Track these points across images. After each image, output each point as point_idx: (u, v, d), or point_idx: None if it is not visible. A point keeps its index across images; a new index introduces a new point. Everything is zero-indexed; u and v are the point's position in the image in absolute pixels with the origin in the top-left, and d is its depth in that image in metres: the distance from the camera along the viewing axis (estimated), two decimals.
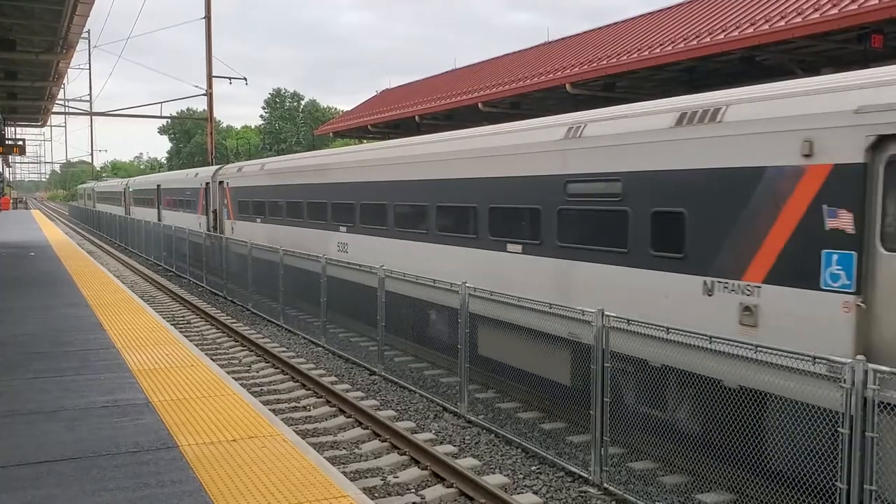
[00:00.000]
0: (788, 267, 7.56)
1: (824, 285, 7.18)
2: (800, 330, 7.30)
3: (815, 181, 7.36)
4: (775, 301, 7.66)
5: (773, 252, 7.74)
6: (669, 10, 21.05)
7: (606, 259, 9.88)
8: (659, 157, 9.16)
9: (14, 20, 18.97)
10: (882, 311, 6.77)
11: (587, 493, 8.42)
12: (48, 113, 40.73)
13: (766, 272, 7.81)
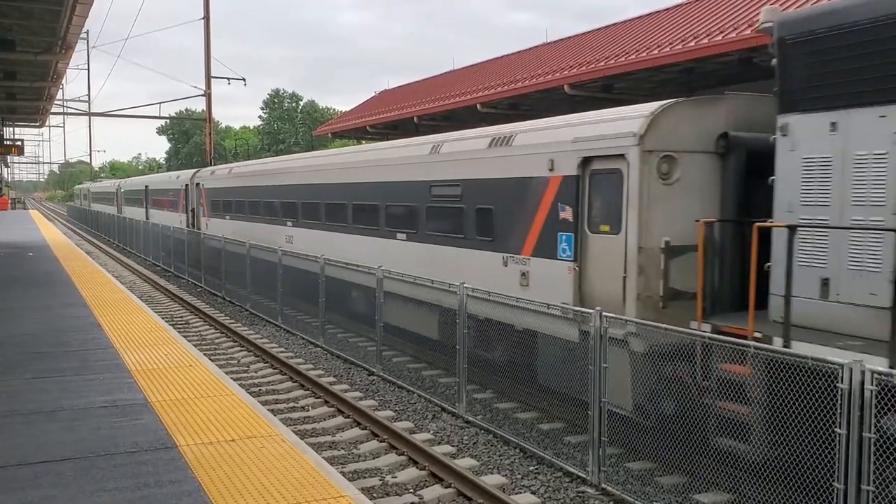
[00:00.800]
0: (543, 245, 11.10)
1: (559, 257, 10.79)
2: (549, 285, 10.90)
3: (554, 187, 10.91)
4: (537, 268, 11.27)
5: (536, 235, 11.29)
6: (668, 12, 21.09)
7: (454, 243, 13.36)
8: (479, 168, 12.72)
9: (13, 20, 18.97)
10: (586, 271, 10.40)
11: (585, 494, 8.44)
12: (47, 113, 40.72)
13: (532, 249, 11.39)
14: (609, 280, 9.98)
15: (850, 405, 6.14)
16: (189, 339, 14.25)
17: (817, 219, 7.96)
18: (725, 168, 9.69)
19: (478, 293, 11.21)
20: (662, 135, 9.62)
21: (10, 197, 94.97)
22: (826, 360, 6.41)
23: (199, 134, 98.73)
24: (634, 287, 9.57)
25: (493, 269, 12.17)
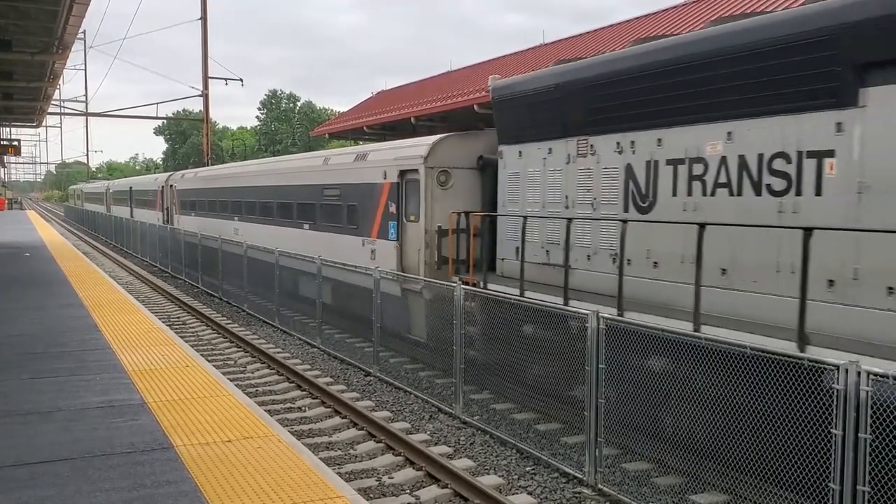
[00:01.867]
0: (382, 230, 15.69)
1: (389, 238, 15.41)
2: (385, 257, 15.33)
3: (386, 190, 15.54)
4: (379, 246, 15.88)
5: (378, 223, 15.98)
6: (666, 13, 21.13)
7: (336, 230, 18.04)
8: (349, 176, 17.53)
9: (9, 20, 18.95)
10: (403, 247, 14.95)
11: (581, 494, 8.45)
12: (44, 113, 40.65)
13: (376, 233, 16.01)
14: (413, 252, 14.83)
15: (846, 406, 6.15)
16: (186, 340, 14.24)
17: (514, 211, 12.98)
18: (482, 178, 14.63)
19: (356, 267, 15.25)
20: (439, 157, 14.51)
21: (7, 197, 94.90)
22: (822, 361, 6.43)
23: (196, 134, 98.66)
24: (424, 256, 14.44)
25: (356, 248, 16.82)
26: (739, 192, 9.12)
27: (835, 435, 6.24)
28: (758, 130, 8.88)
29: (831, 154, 8.06)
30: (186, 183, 33.45)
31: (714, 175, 9.44)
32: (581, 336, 8.78)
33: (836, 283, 7.85)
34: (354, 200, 17.11)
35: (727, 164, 9.27)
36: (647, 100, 10.39)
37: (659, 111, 10.20)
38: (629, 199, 10.79)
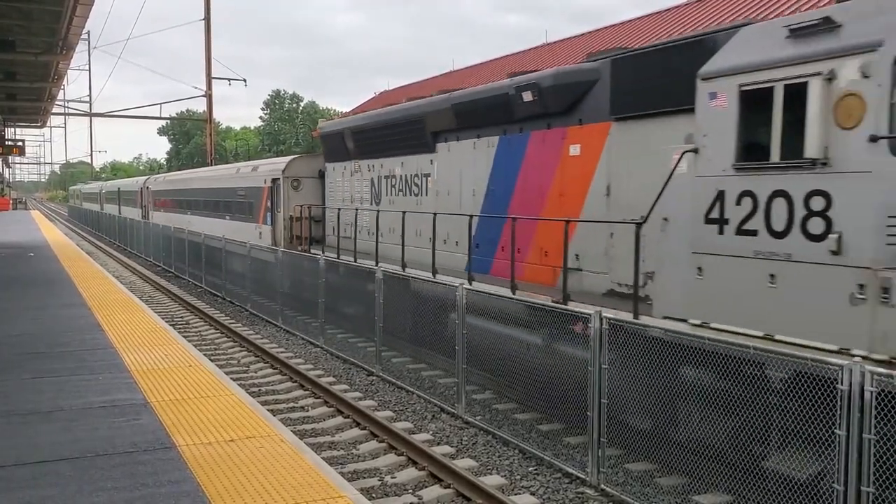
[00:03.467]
0: (264, 218, 22.76)
1: (267, 223, 22.89)
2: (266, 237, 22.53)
3: (267, 191, 22.50)
4: (263, 229, 22.85)
5: (262, 213, 23.28)
6: (667, 13, 21.11)
7: (243, 220, 25.27)
8: (248, 181, 24.85)
9: (13, 21, 18.98)
10: (275, 230, 22.31)
11: (584, 495, 8.43)
12: (48, 114, 40.75)
13: (262, 220, 23.26)
14: (279, 232, 21.90)
15: (850, 406, 6.13)
16: (189, 340, 14.24)
17: (331, 206, 19.94)
18: (321, 184, 21.40)
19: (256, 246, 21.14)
20: (293, 170, 21.75)
21: (12, 197, 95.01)
22: (825, 362, 6.40)
23: (199, 135, 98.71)
24: (283, 236, 21.50)
25: (252, 231, 23.90)
26: (408, 193, 16.74)
27: (839, 435, 6.21)
28: (410, 162, 16.57)
29: (429, 175, 15.79)
30: (158, 185, 41.50)
31: (398, 184, 17.13)
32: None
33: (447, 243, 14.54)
34: (251, 199, 24.79)
35: (402, 179, 16.99)
36: (374, 142, 17.90)
37: (379, 149, 17.70)
38: (373, 198, 18.34)
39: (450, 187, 14.92)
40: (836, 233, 7.05)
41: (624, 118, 10.62)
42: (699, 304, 8.37)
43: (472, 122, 14.06)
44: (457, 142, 14.72)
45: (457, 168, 14.72)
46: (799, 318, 7.32)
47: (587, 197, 11.28)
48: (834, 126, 7.16)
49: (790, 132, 7.46)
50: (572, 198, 11.56)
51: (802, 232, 7.37)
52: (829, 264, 7.10)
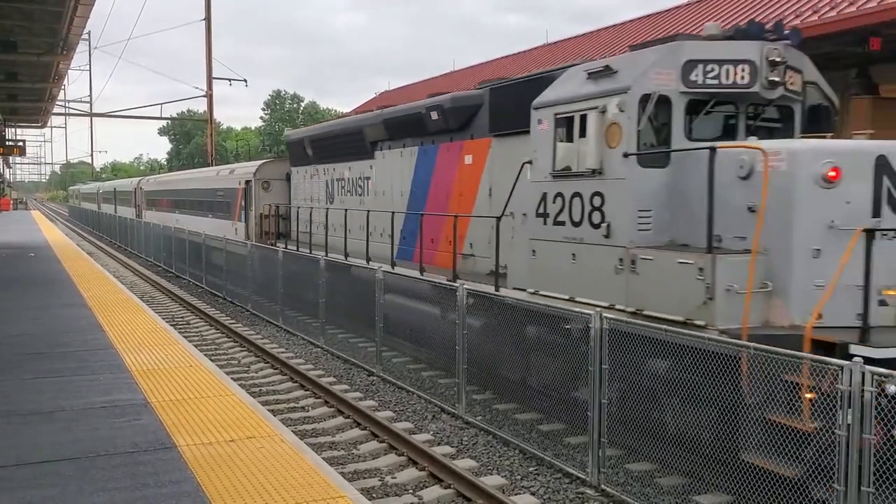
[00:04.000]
0: (239, 216, 25.16)
1: (241, 220, 25.31)
2: (240, 232, 24.67)
3: (241, 191, 25.02)
4: (238, 226, 25.33)
5: (238, 211, 25.64)
6: (667, 13, 21.10)
7: (221, 217, 27.60)
8: (225, 183, 27.71)
9: (14, 22, 19.01)
10: (248, 225, 24.48)
11: (584, 495, 8.43)
12: (48, 114, 40.81)
13: (238, 217, 25.56)
14: (251, 228, 24.00)
15: (851, 407, 6.13)
16: (190, 340, 14.24)
17: (296, 205, 22.26)
18: (289, 185, 23.46)
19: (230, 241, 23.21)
20: (263, 173, 24.04)
21: (12, 197, 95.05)
22: (826, 361, 6.41)
23: (200, 135, 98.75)
24: (255, 231, 23.74)
25: (229, 227, 26.01)
26: (354, 194, 18.99)
27: (839, 436, 6.22)
28: (355, 167, 18.77)
29: (370, 178, 17.99)
30: (150, 185, 44.45)
31: (347, 186, 19.40)
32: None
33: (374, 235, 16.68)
34: (228, 199, 27.14)
35: (350, 181, 19.16)
36: (328, 149, 20.05)
37: (332, 155, 19.93)
38: (328, 198, 20.52)
39: (384, 189, 17.22)
40: (607, 222, 9.66)
41: (498, 135, 13.00)
42: (534, 277, 11.11)
43: (399, 135, 16.52)
44: (389, 150, 17.05)
45: (389, 173, 17.03)
46: (589, 284, 9.94)
47: (477, 197, 13.69)
48: (605, 146, 9.67)
49: (582, 149, 9.97)
50: (468, 198, 13.96)
51: (589, 222, 10.01)
52: (604, 245, 9.71)
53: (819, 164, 8.13)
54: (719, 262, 8.14)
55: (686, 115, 9.59)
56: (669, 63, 9.48)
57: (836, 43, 14.39)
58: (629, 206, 9.39)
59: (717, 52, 9.57)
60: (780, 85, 9.63)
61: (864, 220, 8.09)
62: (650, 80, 9.38)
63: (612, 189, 9.62)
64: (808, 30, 13.68)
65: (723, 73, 9.49)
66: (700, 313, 8.29)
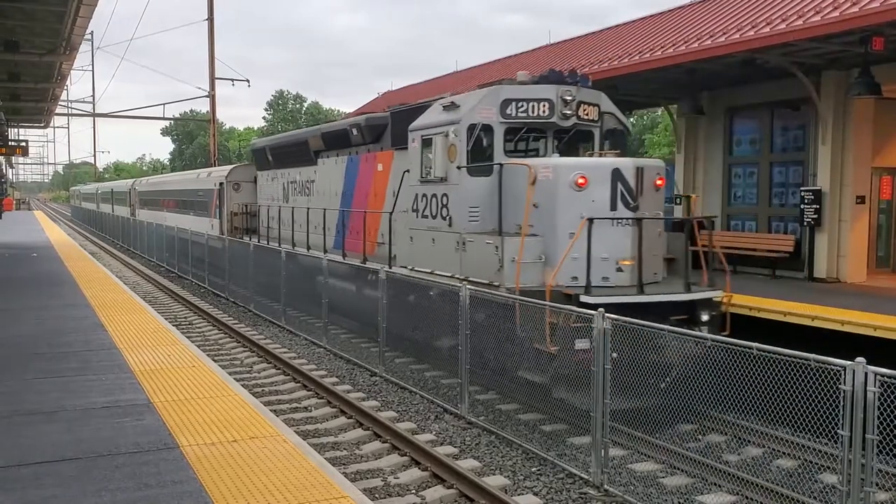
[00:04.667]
0: (214, 213, 28.25)
1: (216, 217, 28.21)
2: (216, 227, 27.56)
3: (216, 192, 27.82)
4: (213, 222, 28.23)
5: (214, 209, 28.53)
6: (671, 13, 21.07)
7: (200, 214, 30.95)
8: (203, 184, 30.56)
9: (17, 22, 18.99)
10: (221, 222, 27.16)
11: (587, 495, 8.43)
12: (51, 114, 40.78)
13: (213, 214, 28.58)
14: (224, 224, 26.41)
15: (853, 407, 6.12)
16: (192, 340, 14.24)
17: (262, 204, 25.34)
18: (256, 187, 26.17)
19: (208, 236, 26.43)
20: (234, 176, 26.69)
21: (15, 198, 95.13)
22: (828, 362, 6.40)
23: (202, 135, 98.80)
24: (227, 226, 25.97)
25: (207, 224, 28.94)
26: (303, 195, 21.60)
27: (842, 436, 6.21)
28: (304, 172, 21.57)
29: (314, 181, 20.79)
30: (143, 186, 48.31)
31: (298, 188, 22.10)
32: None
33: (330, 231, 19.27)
34: (206, 198, 30.21)
35: (300, 184, 21.88)
36: (283, 156, 23.27)
37: (286, 161, 23.00)
38: (284, 198, 23.18)
39: (324, 190, 20.11)
40: (450, 216, 13.29)
41: (398, 149, 15.83)
42: (411, 258, 14.61)
43: (333, 146, 19.57)
44: (327, 158, 20.08)
45: (327, 177, 19.99)
46: (442, 260, 13.36)
47: (386, 197, 16.47)
48: (448, 161, 13.16)
49: (435, 163, 13.40)
50: (380, 198, 16.82)
51: (441, 216, 13.58)
52: (448, 232, 13.26)
53: (572, 175, 11.58)
54: (506, 242, 11.62)
55: (504, 138, 13.12)
56: (491, 102, 13.00)
57: (839, 43, 14.38)
58: (462, 204, 13.08)
59: (526, 93, 13.02)
60: (572, 116, 13.12)
61: (604, 212, 11.44)
62: (477, 114, 12.98)
63: (452, 192, 13.28)
64: (811, 30, 13.68)
65: (530, 108, 12.99)
66: (496, 277, 11.72)
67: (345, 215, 18.62)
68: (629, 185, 11.63)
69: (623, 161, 11.96)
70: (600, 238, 11.19)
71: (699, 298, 11.62)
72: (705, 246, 12.49)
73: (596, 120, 13.68)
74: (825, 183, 16.73)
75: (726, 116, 19.78)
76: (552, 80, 13.25)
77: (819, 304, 12.89)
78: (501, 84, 13.53)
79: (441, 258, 13.42)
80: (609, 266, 11.56)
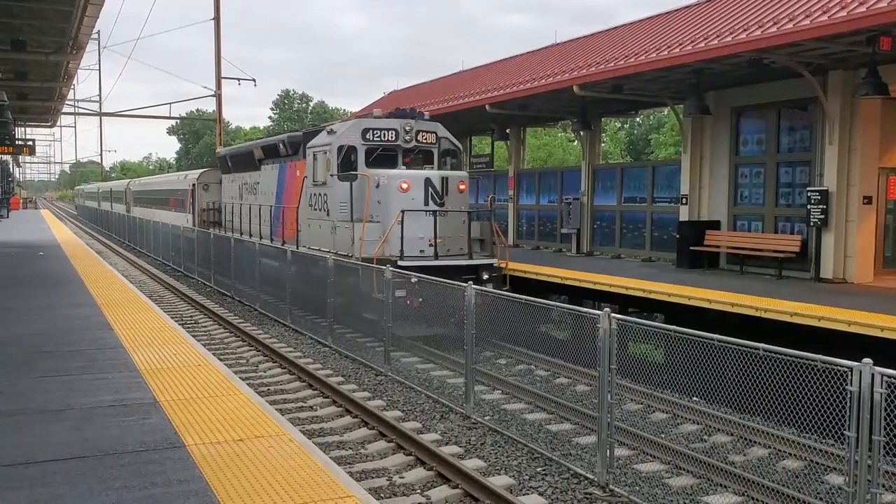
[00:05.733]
0: (189, 209, 33.17)
1: (190, 212, 33.26)
2: (191, 222, 32.46)
3: (191, 191, 33.04)
4: (188, 217, 33.06)
5: (188, 206, 33.59)
6: (677, 13, 21.03)
7: (178, 210, 36.31)
8: (182, 185, 36.14)
9: (24, 21, 19.05)
10: (194, 216, 32.32)
11: (593, 495, 8.42)
12: (58, 113, 40.90)
13: (188, 210, 33.48)
14: (196, 218, 31.54)
15: (860, 407, 6.10)
16: (198, 339, 14.26)
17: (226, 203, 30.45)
18: (221, 187, 31.31)
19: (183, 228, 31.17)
20: (204, 179, 32.27)
21: (22, 196, 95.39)
22: (834, 363, 6.38)
23: (209, 134, 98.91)
24: (198, 220, 31.30)
25: (183, 218, 33.59)
26: (252, 194, 25.88)
27: (849, 437, 6.19)
28: (251, 176, 26.10)
29: (259, 183, 25.39)
30: (137, 186, 54.05)
31: (248, 189, 26.26)
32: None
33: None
34: (183, 197, 35.24)
35: (250, 185, 26.22)
36: (237, 163, 27.92)
37: (240, 167, 27.45)
38: (240, 196, 27.49)
39: (265, 191, 24.78)
40: (328, 209, 18.66)
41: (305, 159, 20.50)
42: (308, 240, 19.99)
43: (269, 156, 24.49)
44: (267, 165, 24.73)
45: (267, 180, 24.64)
46: (324, 242, 18.56)
47: (300, 196, 20.85)
48: (326, 170, 18.44)
49: (319, 171, 19.02)
50: (297, 196, 21.18)
51: (323, 209, 19.10)
52: (327, 220, 18.65)
53: (399, 181, 17.04)
54: (356, 227, 17.11)
55: (366, 156, 18.37)
56: (355, 130, 18.67)
57: (847, 43, 14.34)
58: (335, 200, 18.39)
59: (379, 124, 18.71)
60: (412, 141, 18.68)
61: (419, 207, 16.88)
62: (345, 138, 18.48)
63: (329, 192, 18.74)
64: (818, 30, 13.64)
65: (382, 135, 18.52)
66: (351, 250, 17.21)
67: (277, 210, 23.11)
68: (437, 189, 17.21)
69: (433, 173, 17.90)
70: (416, 224, 16.64)
71: (478, 263, 17.20)
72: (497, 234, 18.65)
73: (434, 143, 19.12)
74: (832, 183, 16.69)
75: (733, 116, 19.73)
76: (397, 115, 19.05)
77: (825, 304, 12.87)
78: (363, 118, 20.12)
79: (323, 239, 18.94)
80: (424, 243, 16.93)
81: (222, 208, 30.93)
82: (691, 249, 19.54)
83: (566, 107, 24.03)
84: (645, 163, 38.94)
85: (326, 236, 18.60)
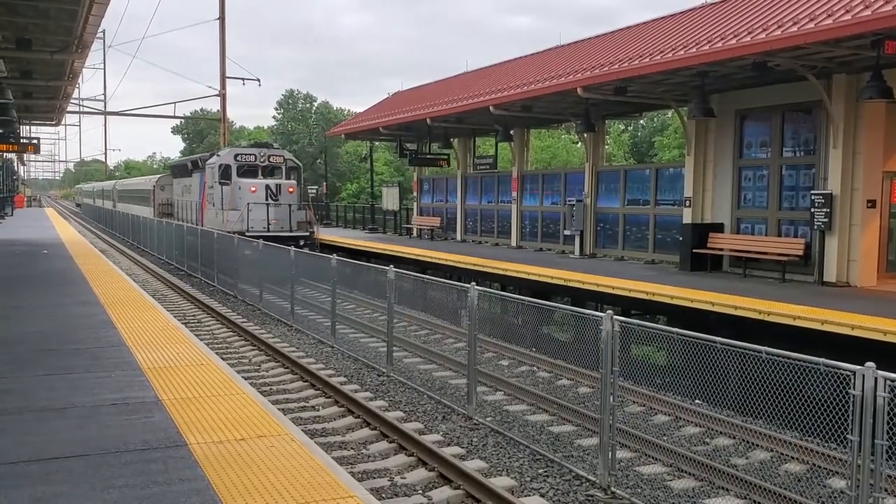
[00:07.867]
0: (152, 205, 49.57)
1: (151, 207, 49.98)
2: (153, 215, 46.07)
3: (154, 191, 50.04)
4: (151, 210, 48.85)
5: (152, 203, 48.94)
6: (682, 15, 21.00)
7: (145, 205, 51.17)
8: (147, 186, 53.68)
9: (29, 20, 19.09)
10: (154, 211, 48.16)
11: (594, 497, 8.42)
12: (63, 112, 40.96)
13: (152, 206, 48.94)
14: (155, 211, 47.26)
15: (863, 411, 6.10)
16: (201, 338, 14.28)
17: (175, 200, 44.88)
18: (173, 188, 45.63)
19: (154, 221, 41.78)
20: (160, 182, 48.73)
21: (26, 195, 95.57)
22: (838, 366, 6.37)
23: (213, 134, 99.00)
24: (156, 213, 45.31)
25: (148, 211, 47.25)
26: (188, 194, 38.96)
27: (851, 441, 6.18)
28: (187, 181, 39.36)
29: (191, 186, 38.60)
30: (121, 186, 67.44)
31: (187, 190, 39.58)
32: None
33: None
34: (147, 195, 47.83)
35: (187, 187, 39.65)
36: (180, 171, 42.48)
37: (182, 174, 41.33)
38: (182, 195, 40.90)
39: (193, 192, 34.34)
40: (215, 202, 32.29)
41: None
42: (208, 222, 31.87)
43: (195, 168, 34.48)
44: (194, 174, 35.64)
45: (193, 185, 34.94)
46: (214, 223, 31.36)
47: (205, 195, 31.80)
48: (215, 179, 31.87)
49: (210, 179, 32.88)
50: (204, 196, 31.34)
51: (211, 203, 32.71)
52: (214, 209, 32.32)
53: (249, 186, 30.56)
54: (225, 213, 30.14)
55: (237, 171, 31.17)
56: (231, 155, 31.94)
57: (851, 46, 14.33)
58: (218, 197, 31.33)
59: (245, 151, 32.73)
60: (265, 161, 32.03)
61: (262, 201, 30.10)
62: (224, 160, 31.57)
63: (215, 192, 31.60)
64: (822, 33, 13.62)
65: (248, 157, 31.85)
66: (224, 227, 27.67)
67: (198, 204, 34.57)
68: (273, 191, 30.34)
69: (272, 181, 30.87)
70: (259, 212, 29.53)
71: (296, 235, 28.83)
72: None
73: (281, 162, 32.43)
74: (836, 186, 16.67)
75: (737, 119, 19.71)
76: (257, 145, 34.33)
77: (828, 307, 12.86)
78: (234, 148, 33.73)
79: (213, 221, 30.88)
80: (264, 223, 29.35)
81: (173, 203, 44.02)
82: (694, 252, 19.53)
83: (570, 108, 24.03)
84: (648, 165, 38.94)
85: (213, 219, 31.47)
